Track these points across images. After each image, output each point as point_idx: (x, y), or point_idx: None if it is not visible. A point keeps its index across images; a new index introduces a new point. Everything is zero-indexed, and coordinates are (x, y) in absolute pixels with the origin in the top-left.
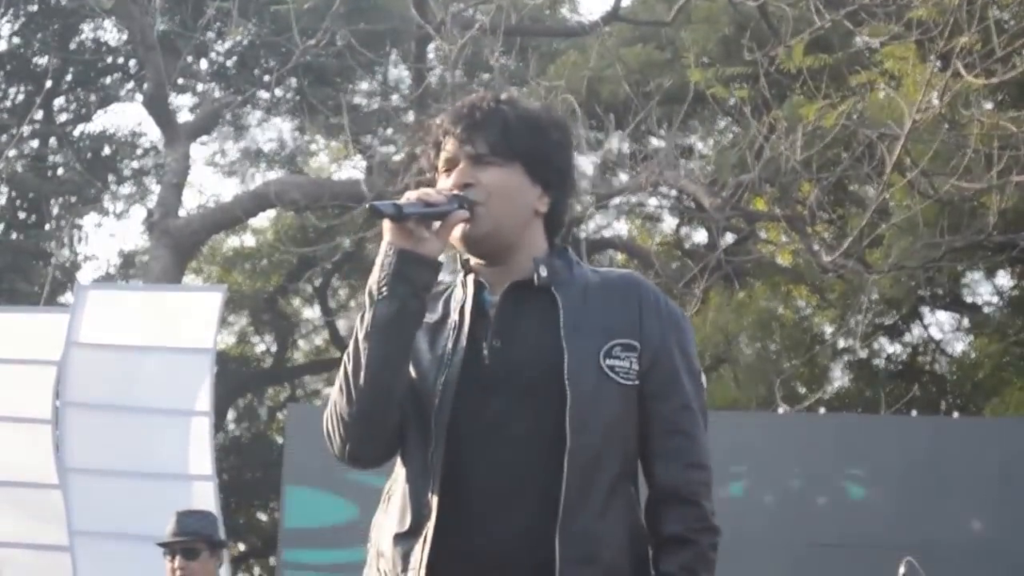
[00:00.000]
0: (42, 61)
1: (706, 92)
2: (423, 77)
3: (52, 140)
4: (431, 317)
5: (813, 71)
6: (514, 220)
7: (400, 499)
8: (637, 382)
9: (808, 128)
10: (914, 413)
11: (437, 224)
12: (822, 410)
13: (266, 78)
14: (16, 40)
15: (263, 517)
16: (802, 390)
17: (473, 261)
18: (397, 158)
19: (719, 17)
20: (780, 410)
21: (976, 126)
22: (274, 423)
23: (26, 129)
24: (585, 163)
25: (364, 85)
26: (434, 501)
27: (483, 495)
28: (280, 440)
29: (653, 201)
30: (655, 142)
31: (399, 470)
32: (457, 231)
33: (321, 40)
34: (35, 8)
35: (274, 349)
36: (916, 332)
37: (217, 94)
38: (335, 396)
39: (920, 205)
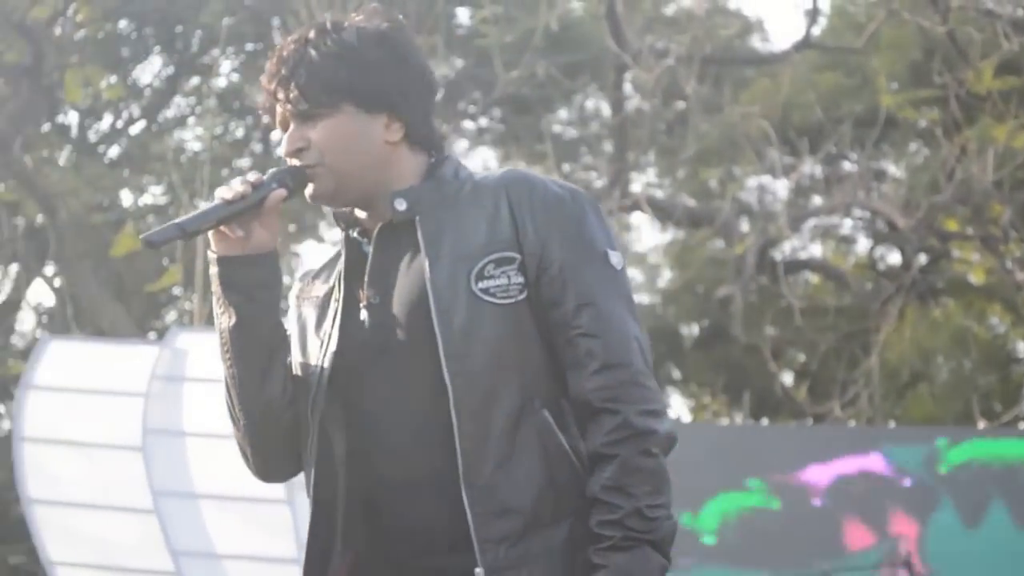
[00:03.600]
0: (260, 97)
1: (897, 115)
2: (621, 106)
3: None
4: (321, 289)
5: (1002, 93)
6: (362, 165)
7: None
8: (522, 296)
9: (999, 149)
10: None
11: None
12: (1021, 425)
13: (471, 109)
14: (236, 77)
15: None
16: (999, 407)
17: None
18: (598, 184)
19: (908, 42)
20: (980, 425)
21: None
22: None
23: (246, 161)
24: (779, 187)
25: (563, 114)
26: (319, 497)
27: (388, 475)
28: None
29: (847, 223)
30: (847, 165)
31: None
32: (307, 193)
33: (523, 72)
34: (252, 47)
35: None
36: None
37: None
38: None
39: None
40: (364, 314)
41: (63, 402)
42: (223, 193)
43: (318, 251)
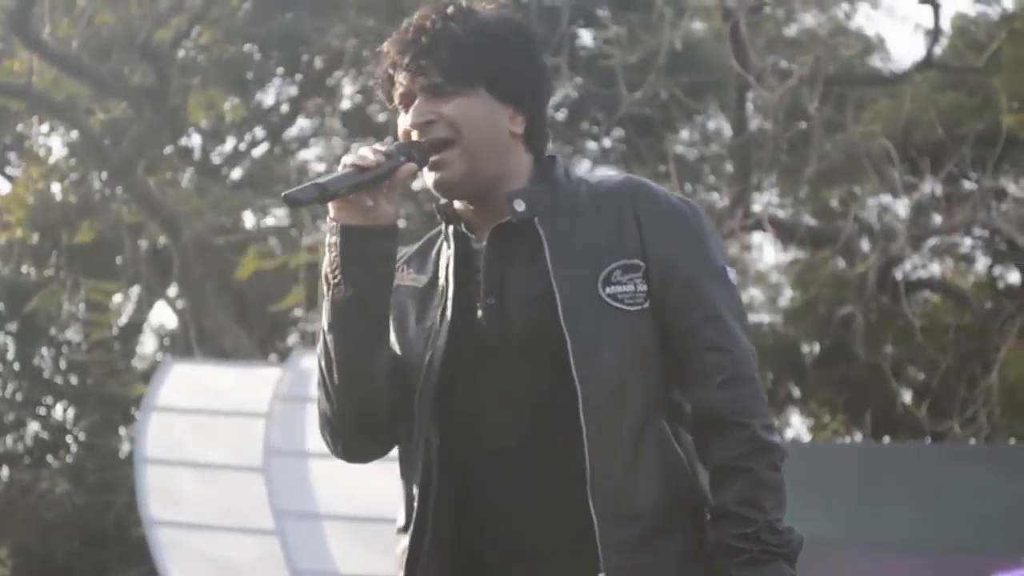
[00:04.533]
0: (382, 117)
1: (1018, 135)
2: (743, 126)
3: None
4: (420, 280)
5: None
6: (490, 152)
7: (402, 494)
8: (646, 304)
9: None
10: None
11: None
12: None
13: (594, 129)
14: (358, 98)
15: None
16: None
17: (456, 204)
18: (720, 204)
19: None
20: None
21: None
22: None
23: None
24: (900, 206)
25: (685, 134)
26: (421, 495)
27: (491, 476)
28: None
29: (967, 242)
30: (968, 184)
31: None
32: (429, 180)
33: (646, 92)
34: (374, 68)
35: None
36: None
37: (549, 145)
38: (318, 395)
39: None
40: (480, 314)
41: (185, 424)
42: (354, 160)
43: None
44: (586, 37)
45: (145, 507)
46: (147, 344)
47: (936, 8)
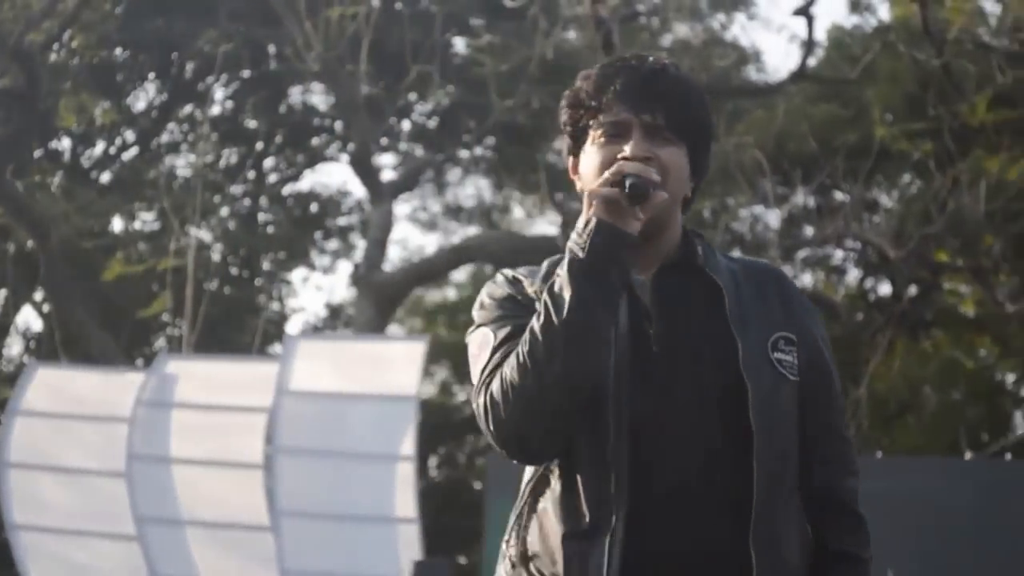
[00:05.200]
0: (253, 124)
1: (890, 147)
2: None
3: (263, 198)
4: None
5: (996, 126)
6: (674, 204)
7: (570, 494)
8: (797, 379)
9: (991, 181)
10: None
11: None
12: (1007, 456)
13: (465, 138)
14: (230, 104)
15: (463, 561)
16: (986, 437)
17: None
18: None
19: (903, 75)
20: (967, 456)
21: None
22: (473, 470)
23: (238, 188)
24: (772, 217)
25: (557, 143)
26: (620, 499)
27: (668, 494)
28: (478, 486)
29: (839, 253)
30: (840, 196)
31: (560, 460)
32: (642, 212)
33: (517, 101)
34: (247, 74)
35: None
36: None
37: (419, 153)
38: (513, 379)
39: None
40: (652, 337)
41: (49, 428)
42: (647, 174)
43: (303, 275)
44: (459, 45)
45: (8, 511)
46: (14, 347)
47: (810, 20)
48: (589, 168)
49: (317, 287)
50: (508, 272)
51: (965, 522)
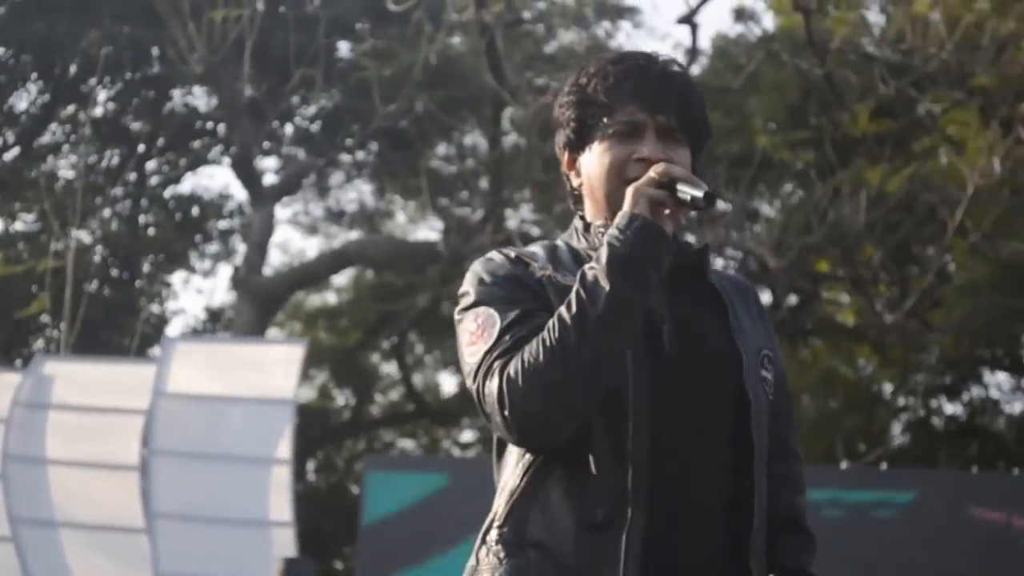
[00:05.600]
0: (136, 126)
1: (772, 156)
2: (498, 142)
3: (144, 201)
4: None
5: (877, 136)
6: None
7: (580, 485)
8: (773, 398)
9: (872, 192)
10: (974, 470)
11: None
12: (883, 465)
13: (348, 142)
14: (112, 106)
15: (339, 566)
16: (862, 447)
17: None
18: (475, 218)
19: (786, 84)
20: (842, 465)
21: None
22: (351, 474)
23: (119, 190)
24: None
25: (441, 149)
26: (638, 494)
27: (679, 494)
28: (356, 490)
29: (719, 262)
30: (722, 205)
31: (558, 452)
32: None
33: (401, 106)
34: (130, 76)
35: (353, 403)
36: (975, 392)
37: (301, 157)
38: (537, 365)
39: (982, 268)
40: (666, 345)
41: None
42: (692, 179)
43: (184, 278)
44: (344, 49)
45: None
46: None
47: (694, 28)
48: (599, 166)
49: (198, 290)
50: (509, 251)
51: (840, 530)
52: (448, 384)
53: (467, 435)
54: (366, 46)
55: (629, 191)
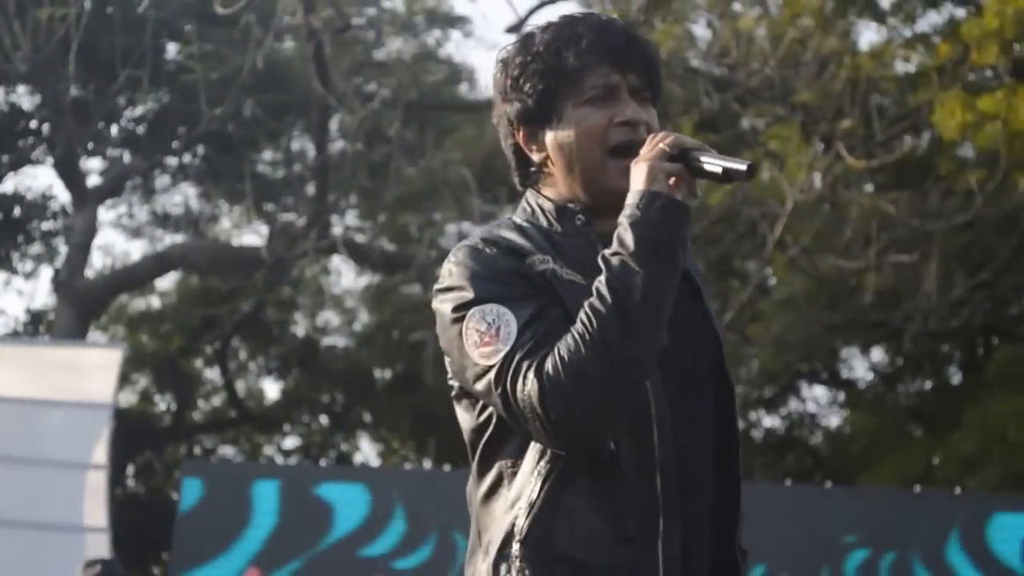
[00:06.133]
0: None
1: None
2: (324, 148)
3: None
4: (576, 277)
5: None
6: None
7: (607, 494)
8: None
9: (694, 205)
10: (788, 482)
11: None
12: None
13: (174, 144)
14: None
15: (156, 571)
16: None
17: (589, 205)
18: (299, 224)
19: None
20: None
21: (856, 207)
22: (171, 479)
23: None
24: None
25: (268, 154)
26: (670, 504)
27: (694, 498)
28: (176, 496)
29: None
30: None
31: (578, 460)
32: (620, 171)
33: (228, 110)
34: None
35: (174, 408)
36: (793, 405)
37: (127, 159)
38: (581, 359)
39: (801, 282)
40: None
41: None
42: (701, 147)
43: (4, 279)
44: (171, 51)
45: None
46: None
47: None
48: (577, 134)
49: (19, 291)
50: (499, 241)
51: None
52: (271, 390)
53: (289, 441)
54: (193, 48)
55: (643, 167)
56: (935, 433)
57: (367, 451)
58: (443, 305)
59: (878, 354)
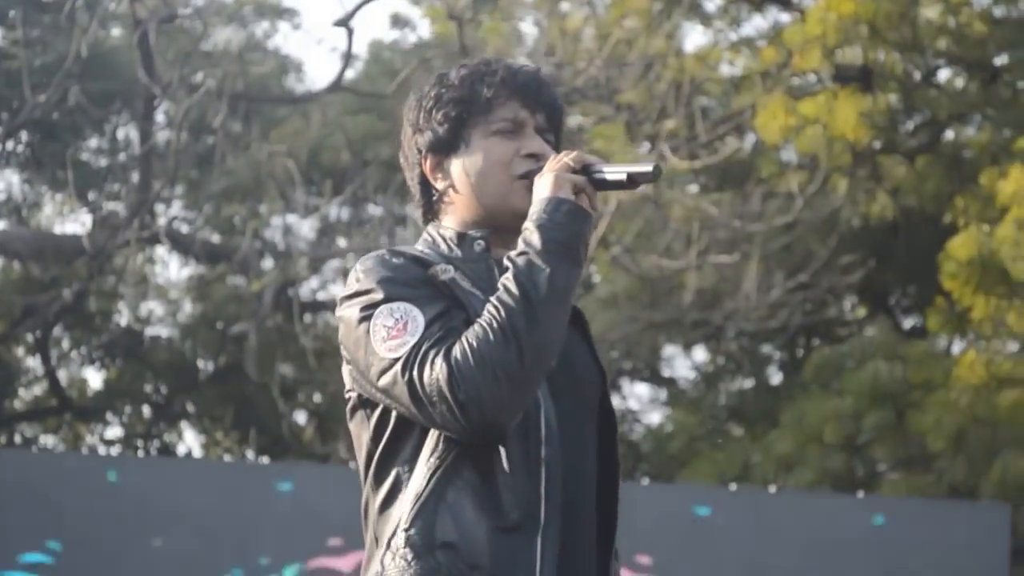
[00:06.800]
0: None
1: None
2: (149, 137)
3: None
4: (477, 291)
5: None
6: None
7: (491, 487)
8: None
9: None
10: None
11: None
12: None
13: None
14: None
15: None
16: None
17: (482, 240)
18: (121, 213)
19: None
20: None
21: (678, 207)
22: None
23: None
24: (304, 226)
25: (93, 142)
26: (551, 498)
27: (571, 498)
28: None
29: None
30: (372, 209)
31: (473, 452)
32: (522, 199)
33: (52, 97)
34: None
35: None
36: (615, 402)
37: None
38: (490, 347)
39: (623, 281)
40: None
41: None
42: (604, 162)
43: None
44: None
45: None
46: None
47: (350, 32)
48: (484, 162)
49: None
50: (405, 252)
51: None
52: (94, 380)
53: (112, 431)
54: (18, 34)
55: (548, 177)
56: (754, 432)
57: (190, 441)
58: (349, 310)
59: (700, 353)
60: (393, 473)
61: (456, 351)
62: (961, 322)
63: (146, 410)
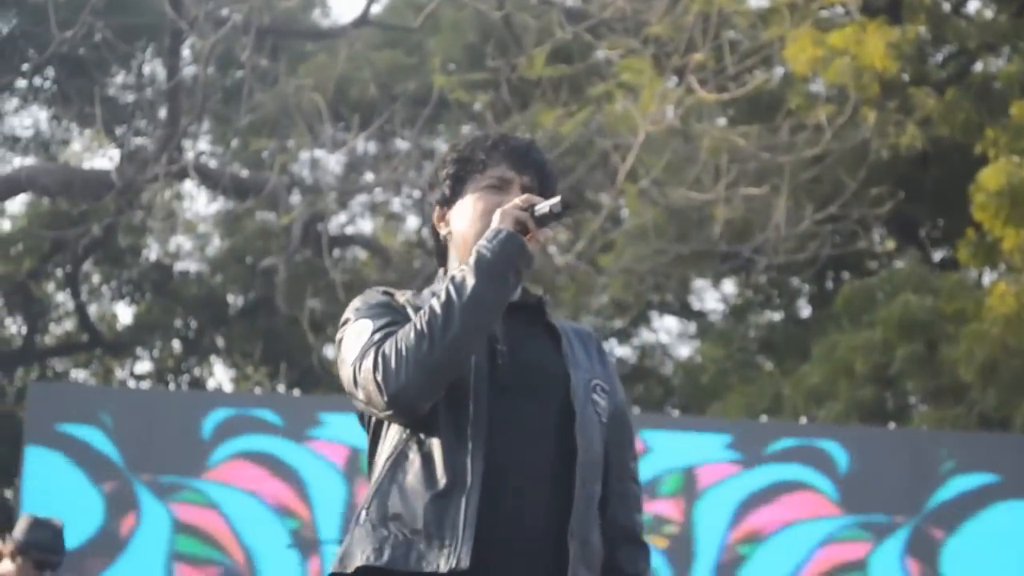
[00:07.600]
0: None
1: (450, 96)
2: (176, 72)
3: None
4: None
5: (553, 80)
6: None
7: (428, 464)
8: (606, 422)
9: (547, 134)
10: (637, 411)
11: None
12: None
13: (24, 67)
14: None
15: (8, 494)
16: None
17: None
18: (149, 148)
19: (465, 25)
20: None
21: (707, 139)
22: (21, 403)
23: None
24: (331, 161)
25: (120, 78)
26: (476, 466)
27: (511, 476)
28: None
29: (397, 200)
30: (400, 143)
31: (418, 438)
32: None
33: (79, 32)
34: None
35: (24, 331)
36: (645, 335)
37: None
38: (408, 341)
39: (652, 213)
40: (498, 354)
41: None
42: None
43: None
44: None
45: None
46: None
47: None
48: (471, 212)
49: None
50: (379, 288)
51: None
52: (124, 315)
53: (142, 366)
54: None
55: (497, 213)
56: (784, 365)
57: (220, 376)
58: (338, 334)
59: (729, 286)
60: (373, 465)
61: (385, 346)
62: (992, 253)
63: (176, 345)
